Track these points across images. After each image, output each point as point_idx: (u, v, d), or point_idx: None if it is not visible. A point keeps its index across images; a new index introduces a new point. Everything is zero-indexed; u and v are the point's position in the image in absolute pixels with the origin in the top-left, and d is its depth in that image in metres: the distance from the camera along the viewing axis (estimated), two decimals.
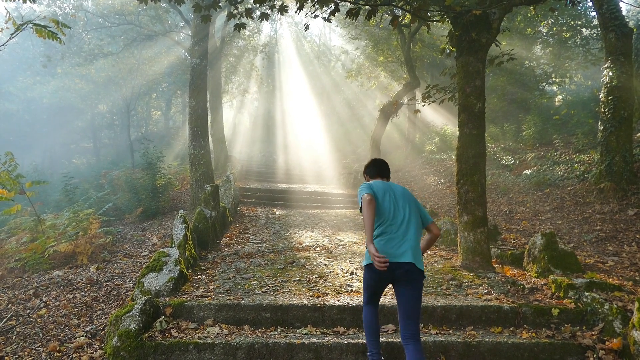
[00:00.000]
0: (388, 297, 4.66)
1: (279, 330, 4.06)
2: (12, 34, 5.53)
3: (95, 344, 4.02)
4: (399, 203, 3.40)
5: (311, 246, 7.62)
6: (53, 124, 27.99)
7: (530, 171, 10.85)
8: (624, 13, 8.97)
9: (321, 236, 8.63)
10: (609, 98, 8.30)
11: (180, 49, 20.31)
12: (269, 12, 6.05)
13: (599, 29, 12.34)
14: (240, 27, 5.93)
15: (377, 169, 3.74)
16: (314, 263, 6.25)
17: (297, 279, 5.39)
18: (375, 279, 3.31)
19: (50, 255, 6.85)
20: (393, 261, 3.16)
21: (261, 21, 6.08)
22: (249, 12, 5.83)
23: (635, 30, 9.38)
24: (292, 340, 3.72)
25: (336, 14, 5.58)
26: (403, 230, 3.29)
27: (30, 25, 5.46)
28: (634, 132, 9.34)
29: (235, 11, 5.99)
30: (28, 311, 4.81)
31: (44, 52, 21.33)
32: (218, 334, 3.90)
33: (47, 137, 28.21)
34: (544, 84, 17.01)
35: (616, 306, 4.09)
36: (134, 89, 21.28)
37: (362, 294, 3.61)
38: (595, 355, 3.70)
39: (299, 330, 4.05)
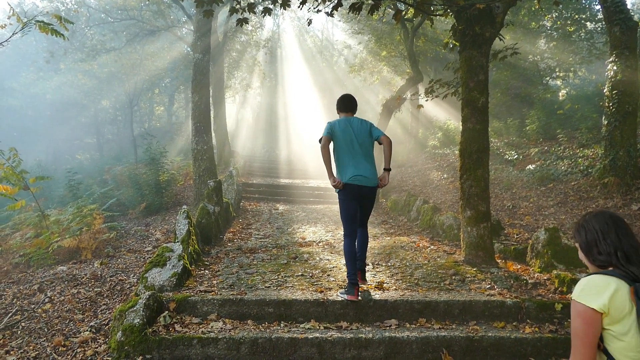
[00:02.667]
0: (391, 292, 4.67)
1: (282, 325, 4.07)
2: (15, 31, 5.53)
3: (99, 339, 4.05)
4: (358, 137, 4.42)
5: (314, 241, 7.63)
6: (56, 119, 28.06)
7: (533, 166, 10.82)
8: (628, 6, 8.90)
9: (324, 231, 8.64)
10: (614, 92, 8.25)
11: (183, 44, 20.31)
12: (271, 6, 6.03)
13: (603, 23, 12.24)
14: (242, 22, 5.91)
15: (343, 105, 4.69)
16: (317, 258, 6.26)
17: (300, 274, 5.40)
18: (348, 196, 4.40)
19: (55, 251, 6.89)
20: (360, 184, 4.34)
21: (264, 16, 6.07)
22: (251, 7, 5.81)
23: None
24: (295, 334, 3.74)
25: (339, 8, 5.56)
26: (361, 160, 4.38)
27: (34, 22, 5.47)
28: (639, 127, 9.29)
29: (238, 6, 5.98)
30: (33, 306, 4.85)
31: (46, 47, 21.39)
32: (222, 328, 3.92)
33: (50, 133, 28.28)
34: (547, 78, 16.92)
35: None
36: (137, 84, 21.29)
37: (342, 226, 4.53)
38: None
39: (302, 325, 4.06)
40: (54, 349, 3.90)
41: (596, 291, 1.68)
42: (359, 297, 4.26)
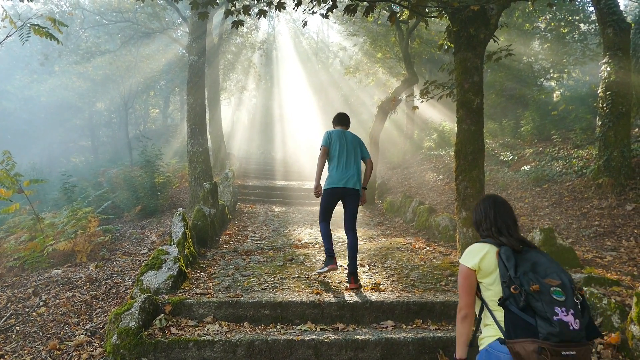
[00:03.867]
0: (387, 294, 4.67)
1: (278, 327, 4.07)
2: (9, 33, 5.51)
3: (94, 342, 4.03)
4: (348, 147, 5.06)
5: (310, 243, 7.63)
6: (51, 122, 27.91)
7: (528, 167, 10.86)
8: (621, 8, 8.96)
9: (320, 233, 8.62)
10: (607, 93, 8.29)
11: (178, 47, 20.26)
12: (266, 8, 6.03)
13: (597, 24, 12.33)
14: (238, 24, 5.91)
15: (339, 120, 5.36)
16: (313, 260, 6.26)
17: (296, 275, 5.40)
18: (331, 197, 5.06)
19: (49, 254, 6.85)
20: (342, 186, 4.95)
21: (259, 18, 6.07)
22: (246, 9, 5.82)
23: (633, 25, 9.37)
24: (291, 337, 3.73)
25: (334, 10, 5.57)
26: (349, 166, 4.99)
27: (28, 25, 5.45)
28: (632, 127, 9.34)
29: (233, 8, 5.98)
30: (27, 310, 4.82)
31: (41, 50, 21.28)
32: (218, 331, 3.91)
33: (45, 136, 28.12)
34: (542, 79, 17.00)
35: (614, 301, 4.10)
36: (132, 86, 21.23)
37: (319, 215, 5.17)
38: (593, 350, 3.72)
39: (298, 327, 4.06)
40: (49, 352, 3.87)
41: (472, 255, 2.32)
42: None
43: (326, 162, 5.13)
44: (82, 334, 4.17)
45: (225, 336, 3.75)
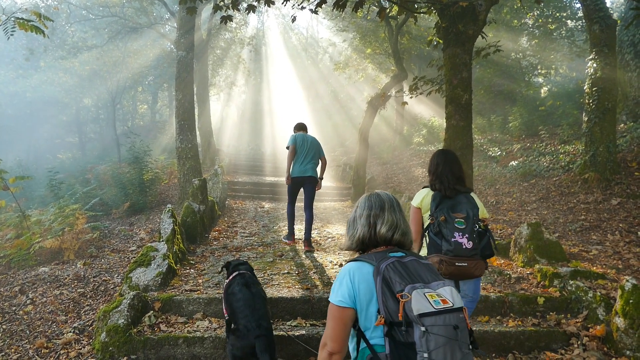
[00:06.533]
0: None
1: None
2: None
3: (83, 340, 4.00)
4: (309, 147, 6.45)
5: (300, 239, 7.62)
6: (37, 118, 27.48)
7: (516, 162, 10.96)
8: (608, 5, 9.05)
9: None
10: (593, 89, 8.39)
11: (166, 42, 20.08)
12: (255, 3, 5.99)
13: (583, 21, 12.45)
14: (226, 19, 5.87)
15: (300, 127, 6.79)
16: (303, 256, 6.27)
17: (286, 271, 5.40)
18: (294, 185, 6.47)
19: (36, 252, 6.77)
20: (301, 175, 6.39)
21: (248, 13, 6.03)
22: (235, 4, 5.78)
23: (619, 22, 9.48)
24: (281, 332, 3.73)
25: (323, 5, 5.56)
26: (309, 161, 6.43)
27: (13, 19, 5.35)
28: (618, 123, 9.46)
29: (222, 3, 5.93)
30: (14, 308, 4.76)
31: (26, 45, 20.93)
32: (207, 327, 3.90)
33: (31, 132, 27.69)
34: (530, 75, 17.14)
35: (600, 294, 4.17)
36: (120, 82, 20.96)
37: (287, 199, 6.64)
38: (579, 342, 3.78)
39: (288, 323, 4.07)
40: (36, 351, 3.84)
41: (418, 198, 3.25)
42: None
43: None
44: (70, 332, 4.14)
45: (215, 332, 3.74)
